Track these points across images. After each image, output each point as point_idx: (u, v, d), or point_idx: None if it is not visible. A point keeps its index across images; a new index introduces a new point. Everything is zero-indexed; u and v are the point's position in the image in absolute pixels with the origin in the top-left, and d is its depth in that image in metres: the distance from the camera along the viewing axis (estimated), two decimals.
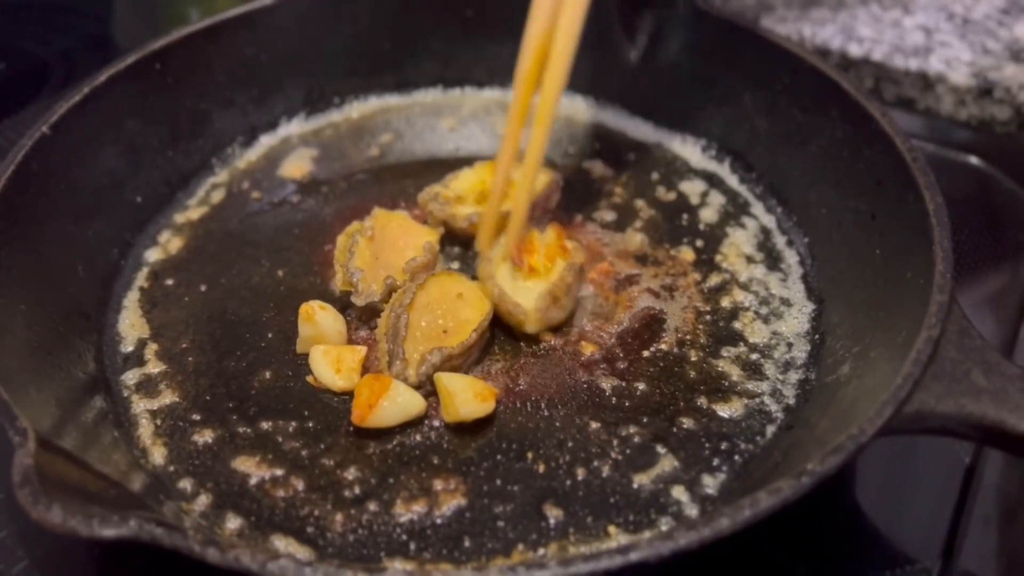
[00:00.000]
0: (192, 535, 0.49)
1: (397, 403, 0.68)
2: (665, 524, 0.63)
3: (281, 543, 0.62)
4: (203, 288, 0.82)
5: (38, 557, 0.64)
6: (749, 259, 0.84)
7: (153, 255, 0.85)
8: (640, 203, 0.90)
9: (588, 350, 0.75)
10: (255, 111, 0.98)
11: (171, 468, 0.67)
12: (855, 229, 0.78)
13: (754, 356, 0.75)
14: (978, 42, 1.12)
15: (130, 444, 0.69)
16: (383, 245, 0.80)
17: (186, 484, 0.66)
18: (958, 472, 0.70)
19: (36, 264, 0.73)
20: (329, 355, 0.72)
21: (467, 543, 0.62)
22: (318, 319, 0.73)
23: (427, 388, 0.70)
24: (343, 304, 0.78)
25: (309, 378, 0.73)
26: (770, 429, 0.69)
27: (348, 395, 0.70)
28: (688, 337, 0.76)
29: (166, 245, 0.86)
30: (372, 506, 0.64)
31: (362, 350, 0.73)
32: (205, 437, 0.69)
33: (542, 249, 0.78)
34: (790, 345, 0.75)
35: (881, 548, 0.66)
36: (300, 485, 0.65)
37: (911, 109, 1.10)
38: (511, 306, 0.74)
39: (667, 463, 0.67)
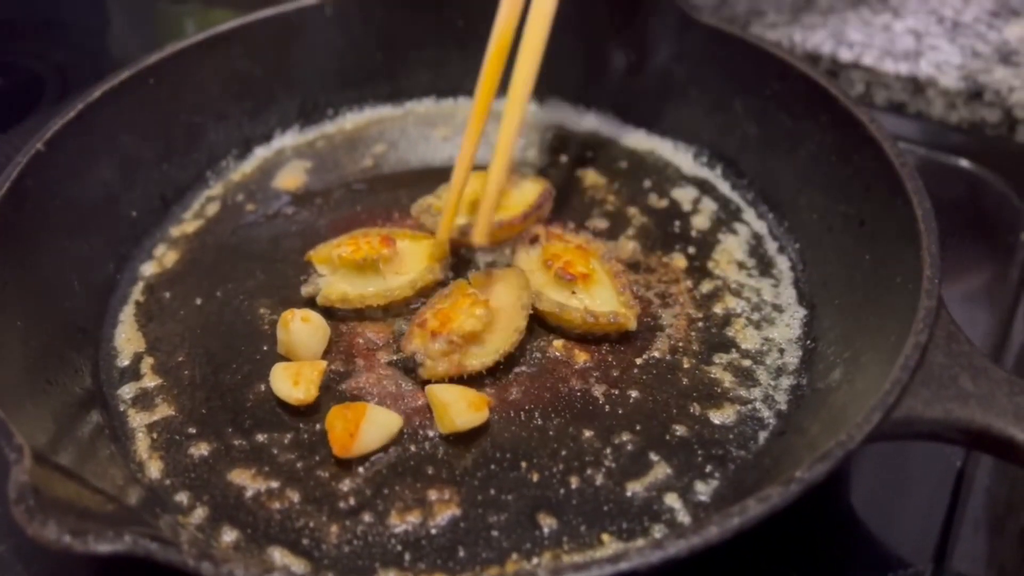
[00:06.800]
0: (187, 549, 0.50)
1: (377, 423, 0.68)
2: (658, 532, 0.63)
3: (277, 555, 0.62)
4: (198, 301, 0.82)
5: (36, 572, 0.64)
6: (741, 265, 0.84)
7: (149, 269, 0.85)
8: (632, 210, 0.90)
9: (581, 358, 0.75)
10: (249, 124, 0.99)
11: (167, 481, 0.67)
12: (845, 234, 0.79)
13: (746, 362, 0.75)
14: (968, 45, 1.13)
15: (126, 458, 0.69)
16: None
17: (182, 497, 0.66)
18: (950, 476, 0.70)
19: (32, 280, 0.74)
20: (288, 370, 0.72)
21: (461, 553, 0.62)
22: (291, 329, 0.73)
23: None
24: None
25: None
26: (762, 435, 0.69)
27: (314, 408, 0.71)
28: (681, 344, 0.77)
29: (161, 259, 0.87)
30: (367, 517, 0.64)
31: (321, 364, 0.73)
32: (201, 450, 0.69)
33: (572, 257, 0.79)
34: (782, 351, 0.76)
35: (874, 552, 0.66)
36: (295, 497, 0.66)
37: (902, 113, 1.10)
38: (608, 319, 0.74)
39: (660, 470, 0.67)
